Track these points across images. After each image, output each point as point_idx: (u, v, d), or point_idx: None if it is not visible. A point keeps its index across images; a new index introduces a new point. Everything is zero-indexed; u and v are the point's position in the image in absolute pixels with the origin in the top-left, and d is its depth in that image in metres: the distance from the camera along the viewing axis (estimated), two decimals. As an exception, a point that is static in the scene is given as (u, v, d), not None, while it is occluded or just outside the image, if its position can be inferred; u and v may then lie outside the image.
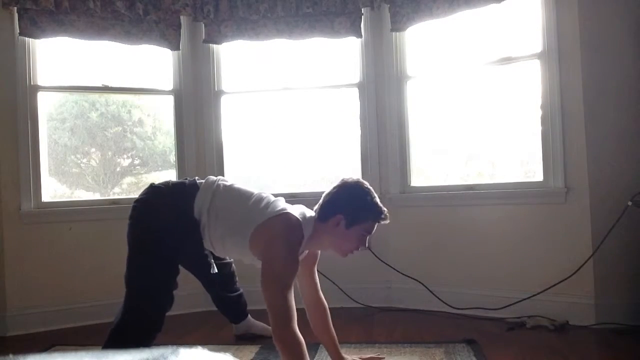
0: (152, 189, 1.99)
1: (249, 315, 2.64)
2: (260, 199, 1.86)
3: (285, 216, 1.77)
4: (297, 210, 1.84)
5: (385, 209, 1.84)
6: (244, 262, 1.93)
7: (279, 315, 1.66)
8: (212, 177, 1.97)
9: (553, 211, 2.79)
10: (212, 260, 2.08)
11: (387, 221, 1.85)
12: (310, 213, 1.88)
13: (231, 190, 1.91)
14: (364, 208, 1.82)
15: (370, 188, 1.87)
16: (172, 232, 1.85)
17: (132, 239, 1.93)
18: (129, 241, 1.94)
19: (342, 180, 1.90)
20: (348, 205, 1.81)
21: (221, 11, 3.32)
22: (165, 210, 1.88)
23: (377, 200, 1.85)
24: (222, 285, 2.55)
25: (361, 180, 1.91)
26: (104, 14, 3.12)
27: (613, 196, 2.62)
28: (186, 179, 2.02)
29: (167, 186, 1.98)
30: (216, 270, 2.08)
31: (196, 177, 2.01)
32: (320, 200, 1.89)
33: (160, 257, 1.88)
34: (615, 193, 2.62)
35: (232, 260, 2.53)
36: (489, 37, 3.11)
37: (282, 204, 1.86)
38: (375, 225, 1.86)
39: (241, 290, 2.62)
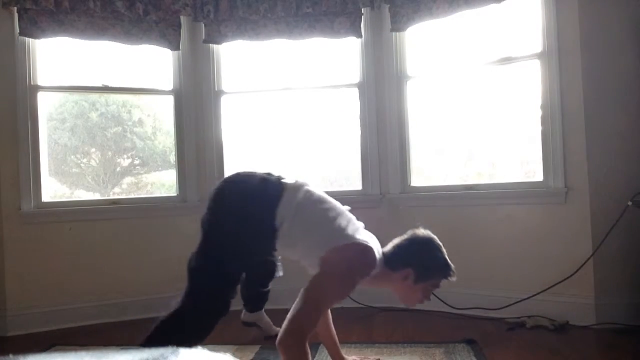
0: (239, 184, 1.85)
1: (263, 309, 2.72)
2: (344, 218, 1.81)
3: (367, 250, 1.72)
4: (375, 246, 1.79)
5: (453, 266, 1.82)
6: (300, 263, 1.86)
7: (302, 325, 1.59)
8: (299, 182, 1.87)
9: (553, 211, 2.80)
10: (279, 263, 2.04)
11: (455, 278, 1.83)
12: (380, 251, 1.84)
13: (316, 204, 1.82)
14: (434, 266, 1.81)
15: (441, 244, 1.85)
16: (250, 239, 1.77)
17: (207, 231, 1.80)
18: (204, 230, 1.80)
19: (413, 232, 1.88)
20: (419, 261, 1.80)
21: (221, 11, 3.32)
22: (248, 214, 1.76)
23: (446, 255, 1.83)
24: (260, 280, 2.61)
25: (431, 234, 1.88)
26: (104, 13, 3.12)
27: (613, 196, 2.62)
28: (269, 173, 1.89)
29: (253, 179, 1.85)
30: (281, 274, 2.04)
31: (280, 176, 1.89)
32: (390, 247, 1.87)
33: (231, 261, 1.79)
34: (615, 193, 2.62)
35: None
36: (489, 37, 3.11)
37: (362, 231, 1.83)
38: (443, 281, 1.84)
39: (270, 287, 2.68)
